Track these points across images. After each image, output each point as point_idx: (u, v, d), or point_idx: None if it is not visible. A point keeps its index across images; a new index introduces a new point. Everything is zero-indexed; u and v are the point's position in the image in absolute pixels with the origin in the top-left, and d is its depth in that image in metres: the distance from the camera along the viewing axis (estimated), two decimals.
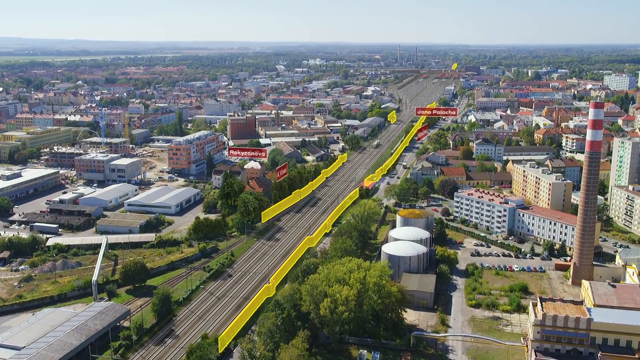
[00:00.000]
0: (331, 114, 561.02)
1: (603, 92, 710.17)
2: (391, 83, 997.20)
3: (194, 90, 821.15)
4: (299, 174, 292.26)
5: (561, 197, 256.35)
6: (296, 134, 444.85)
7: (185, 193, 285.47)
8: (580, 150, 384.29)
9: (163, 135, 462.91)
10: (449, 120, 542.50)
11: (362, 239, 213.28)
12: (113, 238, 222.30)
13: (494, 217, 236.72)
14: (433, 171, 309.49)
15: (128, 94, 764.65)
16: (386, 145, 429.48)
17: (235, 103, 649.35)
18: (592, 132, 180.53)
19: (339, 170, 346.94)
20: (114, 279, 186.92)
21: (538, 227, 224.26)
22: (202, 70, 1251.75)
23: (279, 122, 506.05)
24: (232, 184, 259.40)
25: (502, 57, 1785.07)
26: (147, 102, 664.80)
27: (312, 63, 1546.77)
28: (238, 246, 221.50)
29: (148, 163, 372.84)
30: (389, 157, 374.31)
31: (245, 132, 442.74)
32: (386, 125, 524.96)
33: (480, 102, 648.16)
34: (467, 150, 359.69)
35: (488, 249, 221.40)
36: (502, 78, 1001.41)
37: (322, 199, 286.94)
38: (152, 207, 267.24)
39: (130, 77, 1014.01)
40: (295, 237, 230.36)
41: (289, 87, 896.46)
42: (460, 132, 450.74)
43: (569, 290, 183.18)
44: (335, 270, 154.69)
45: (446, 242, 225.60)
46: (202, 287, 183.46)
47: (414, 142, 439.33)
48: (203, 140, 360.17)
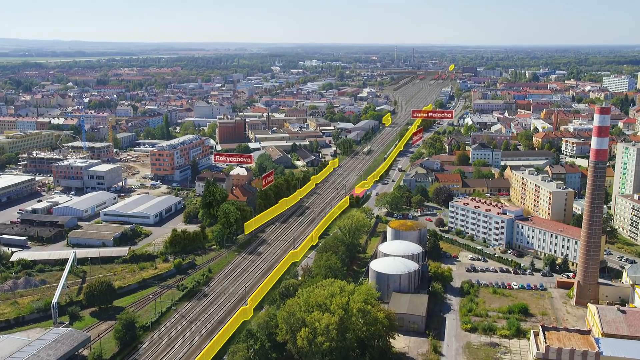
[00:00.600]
0: (324, 117, 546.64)
1: (602, 94, 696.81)
2: (387, 84, 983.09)
3: (186, 92, 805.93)
4: (286, 181, 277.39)
5: (562, 207, 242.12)
6: (287, 137, 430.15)
7: (165, 202, 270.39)
8: (580, 154, 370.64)
9: (150, 139, 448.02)
10: (444, 123, 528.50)
11: (349, 253, 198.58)
12: (83, 252, 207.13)
13: (491, 229, 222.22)
14: (427, 178, 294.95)
15: (118, 95, 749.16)
16: (379, 150, 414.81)
17: (227, 105, 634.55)
18: (597, 140, 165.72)
19: (330, 177, 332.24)
20: (78, 299, 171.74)
21: (538, 240, 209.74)
22: (196, 72, 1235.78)
23: (270, 125, 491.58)
24: (214, 192, 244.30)
25: (499, 58, 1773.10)
26: (137, 105, 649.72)
27: (308, 64, 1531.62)
28: (217, 261, 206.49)
29: (131, 169, 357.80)
30: (382, 162, 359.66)
31: (234, 136, 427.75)
32: (380, 128, 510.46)
33: (477, 104, 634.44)
34: (463, 156, 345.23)
35: (485, 263, 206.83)
36: (499, 79, 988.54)
37: (310, 208, 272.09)
38: (129, 217, 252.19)
39: (122, 79, 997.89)
40: (279, 250, 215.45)
41: (283, 89, 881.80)
42: (456, 135, 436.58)
43: (573, 312, 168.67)
44: (315, 294, 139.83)
45: (440, 256, 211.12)
46: (173, 308, 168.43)
47: (409, 146, 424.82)
48: (188, 144, 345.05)
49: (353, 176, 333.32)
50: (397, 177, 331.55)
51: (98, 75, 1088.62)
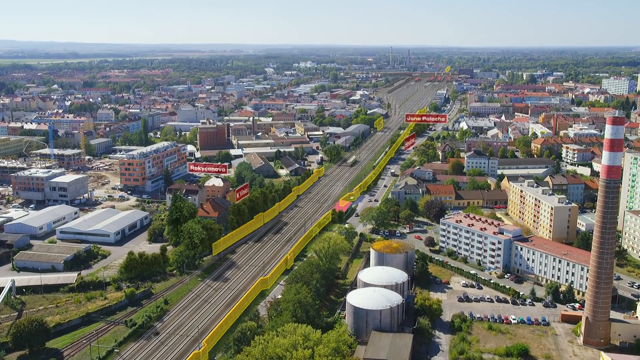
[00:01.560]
0: (313, 121, 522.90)
1: (602, 97, 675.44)
2: (381, 86, 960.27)
3: (173, 95, 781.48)
4: (263, 194, 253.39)
5: (565, 223, 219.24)
6: (271, 144, 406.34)
7: (130, 217, 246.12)
8: (582, 162, 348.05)
9: (127, 145, 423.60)
10: (439, 127, 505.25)
11: (325, 281, 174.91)
12: (25, 279, 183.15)
13: (487, 250, 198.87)
14: (418, 189, 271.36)
15: (103, 98, 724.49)
16: (368, 157, 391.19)
17: (213, 108, 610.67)
18: (609, 155, 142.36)
19: (314, 187, 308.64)
20: (5, 340, 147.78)
21: (540, 264, 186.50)
22: (187, 74, 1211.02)
23: (256, 130, 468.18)
24: (181, 207, 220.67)
25: (496, 59, 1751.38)
26: (120, 108, 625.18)
27: (302, 66, 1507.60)
28: (177, 289, 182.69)
29: (102, 178, 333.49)
30: (370, 171, 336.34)
31: (215, 142, 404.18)
32: (372, 133, 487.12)
33: (473, 108, 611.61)
34: (457, 164, 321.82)
35: (479, 291, 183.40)
36: (496, 81, 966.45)
37: (290, 224, 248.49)
38: (87, 235, 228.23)
39: (109, 81, 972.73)
40: (249, 276, 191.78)
41: (275, 91, 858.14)
42: (450, 141, 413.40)
43: (581, 354, 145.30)
44: (274, 343, 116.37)
45: (429, 282, 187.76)
46: (116, 351, 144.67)
47: (401, 152, 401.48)
48: (162, 152, 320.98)
49: (339, 186, 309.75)
50: (389, 184, 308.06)
51: (86, 77, 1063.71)
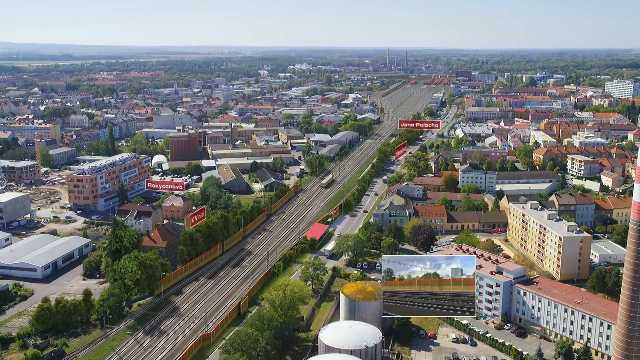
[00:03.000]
0: (299, 127, 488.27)
1: (606, 101, 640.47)
2: (376, 89, 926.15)
3: (157, 99, 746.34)
4: (224, 218, 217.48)
5: (576, 257, 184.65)
6: (249, 154, 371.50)
7: (66, 246, 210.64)
8: (589, 175, 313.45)
9: (93, 154, 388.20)
10: (433, 134, 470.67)
11: (281, 339, 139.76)
12: None
13: (482, 294, 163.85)
14: (404, 210, 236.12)
15: (82, 102, 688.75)
16: (354, 169, 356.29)
17: (196, 113, 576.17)
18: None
19: (288, 205, 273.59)
20: None
21: (547, 315, 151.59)
22: (177, 76, 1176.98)
23: (236, 138, 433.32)
24: (121, 236, 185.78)
25: (494, 61, 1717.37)
26: (97, 113, 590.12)
27: (298, 68, 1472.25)
28: (99, 346, 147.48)
29: (55, 194, 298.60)
30: (355, 186, 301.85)
31: (187, 152, 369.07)
32: (360, 140, 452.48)
33: (470, 112, 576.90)
34: (450, 179, 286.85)
35: (473, 348, 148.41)
36: (494, 84, 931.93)
37: (253, 253, 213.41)
38: (11, 269, 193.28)
39: (93, 84, 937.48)
40: (191, 327, 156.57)
41: (265, 94, 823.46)
42: (445, 150, 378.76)
43: None
44: None
45: (411, 336, 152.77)
46: None
47: (390, 162, 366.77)
48: (119, 166, 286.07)
49: (317, 205, 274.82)
50: (375, 201, 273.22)
51: (72, 80, 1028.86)
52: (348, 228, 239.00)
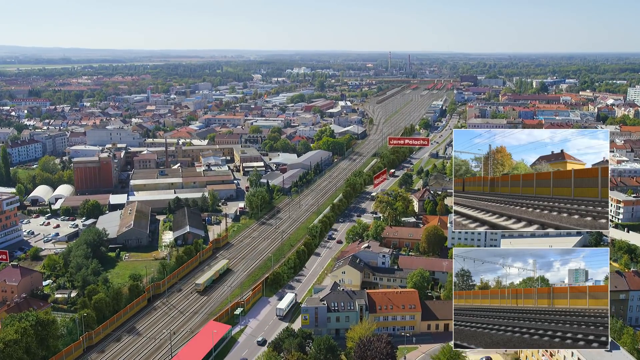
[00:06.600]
0: (263, 144, 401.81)
1: (631, 110, 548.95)
2: (372, 95, 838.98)
3: (120, 107, 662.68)
4: (41, 326, 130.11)
5: None
6: (178, 184, 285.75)
7: None
8: (632, 221, 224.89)
9: None
10: (425, 153, 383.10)
11: None
12: None
13: None
14: (351, 303, 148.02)
15: (30, 111, 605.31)
16: (311, 207, 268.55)
17: (150, 126, 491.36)
18: None
19: (196, 272, 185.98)
20: None
21: None
22: (162, 81, 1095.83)
23: (178, 160, 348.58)
24: None
25: (502, 65, 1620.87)
26: (39, 124, 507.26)
27: (295, 72, 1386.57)
28: None
29: None
30: (301, 241, 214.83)
31: (98, 183, 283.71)
32: (333, 162, 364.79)
33: (472, 125, 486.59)
34: (434, 235, 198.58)
35: None
36: (502, 90, 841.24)
37: None
38: None
39: (59, 89, 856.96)
40: None
41: (246, 101, 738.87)
42: (435, 180, 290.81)
43: None
44: None
45: None
46: None
47: (364, 197, 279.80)
48: None
49: (238, 276, 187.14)
50: (326, 264, 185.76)
51: (42, 85, 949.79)
52: (264, 329, 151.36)
